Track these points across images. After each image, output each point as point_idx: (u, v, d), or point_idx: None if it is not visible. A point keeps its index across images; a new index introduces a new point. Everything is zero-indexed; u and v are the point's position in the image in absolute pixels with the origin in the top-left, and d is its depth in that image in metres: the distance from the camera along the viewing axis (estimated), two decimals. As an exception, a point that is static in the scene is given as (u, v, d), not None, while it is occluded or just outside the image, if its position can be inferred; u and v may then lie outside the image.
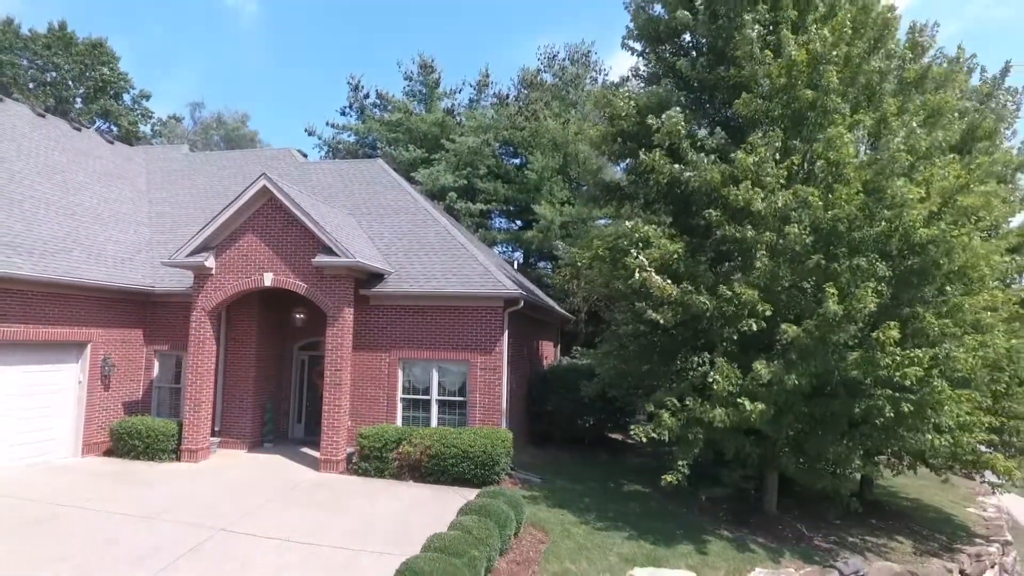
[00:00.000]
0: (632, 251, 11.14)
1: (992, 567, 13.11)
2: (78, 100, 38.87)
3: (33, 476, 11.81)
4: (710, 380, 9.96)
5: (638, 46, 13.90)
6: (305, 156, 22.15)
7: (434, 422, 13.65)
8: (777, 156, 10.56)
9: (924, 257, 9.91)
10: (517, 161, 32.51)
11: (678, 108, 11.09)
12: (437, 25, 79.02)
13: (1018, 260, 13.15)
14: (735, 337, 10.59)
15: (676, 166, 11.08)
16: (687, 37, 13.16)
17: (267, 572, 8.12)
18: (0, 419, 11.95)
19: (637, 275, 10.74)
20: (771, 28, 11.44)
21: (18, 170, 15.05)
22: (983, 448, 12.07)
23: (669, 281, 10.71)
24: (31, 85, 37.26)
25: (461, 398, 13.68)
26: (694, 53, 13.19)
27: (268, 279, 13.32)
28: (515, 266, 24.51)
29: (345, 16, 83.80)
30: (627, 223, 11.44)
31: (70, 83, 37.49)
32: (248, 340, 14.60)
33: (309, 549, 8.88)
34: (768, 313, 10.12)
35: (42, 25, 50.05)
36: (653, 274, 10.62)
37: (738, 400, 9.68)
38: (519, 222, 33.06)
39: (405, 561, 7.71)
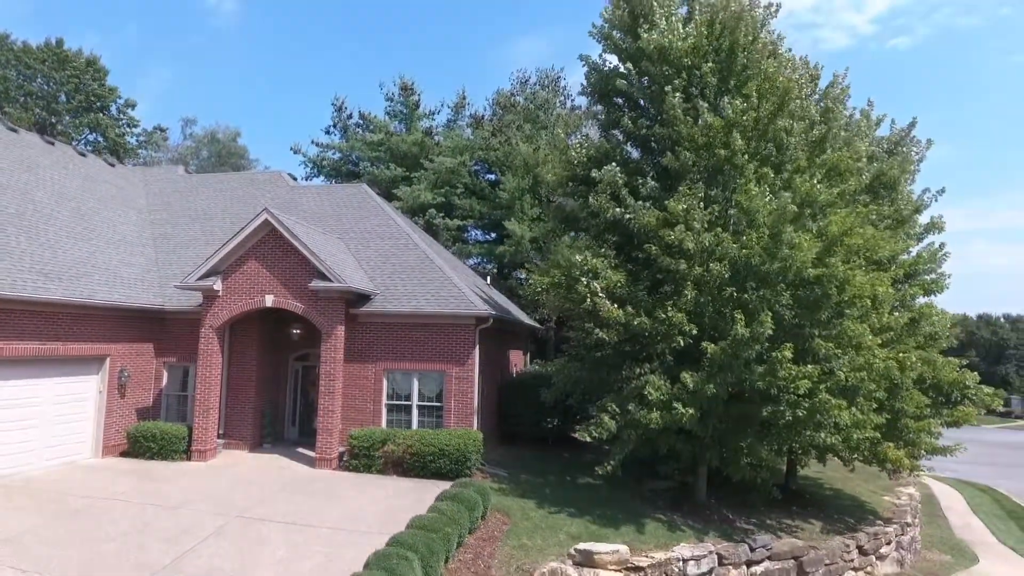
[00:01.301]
0: (583, 280, 13.28)
1: (888, 544, 15.48)
2: (67, 114, 40.02)
3: (66, 474, 13.60)
4: (645, 392, 12.11)
5: (595, 96, 16.07)
6: (295, 179, 23.98)
7: (415, 424, 15.64)
8: (701, 204, 12.76)
9: (817, 289, 12.17)
10: (492, 177, 34.62)
11: (615, 163, 13.29)
12: (422, 30, 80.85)
13: (912, 288, 15.55)
14: (667, 353, 12.78)
15: (618, 209, 13.25)
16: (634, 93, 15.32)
17: (281, 548, 10.06)
18: (37, 425, 13.72)
19: (588, 300, 12.89)
20: (698, 92, 13.63)
21: (38, 199, 16.71)
22: (892, 444, 14.40)
23: (615, 305, 12.86)
24: (21, 97, 38.34)
25: (438, 403, 15.68)
26: (642, 102, 15.37)
27: (269, 300, 15.22)
28: (489, 280, 26.56)
29: (327, 17, 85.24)
30: (578, 256, 13.55)
31: (63, 96, 38.64)
32: (249, 353, 16.47)
33: (312, 530, 10.84)
34: (694, 332, 12.32)
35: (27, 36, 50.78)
36: (604, 299, 12.77)
37: (673, 406, 11.84)
38: (494, 234, 35.15)
39: (392, 536, 9.74)
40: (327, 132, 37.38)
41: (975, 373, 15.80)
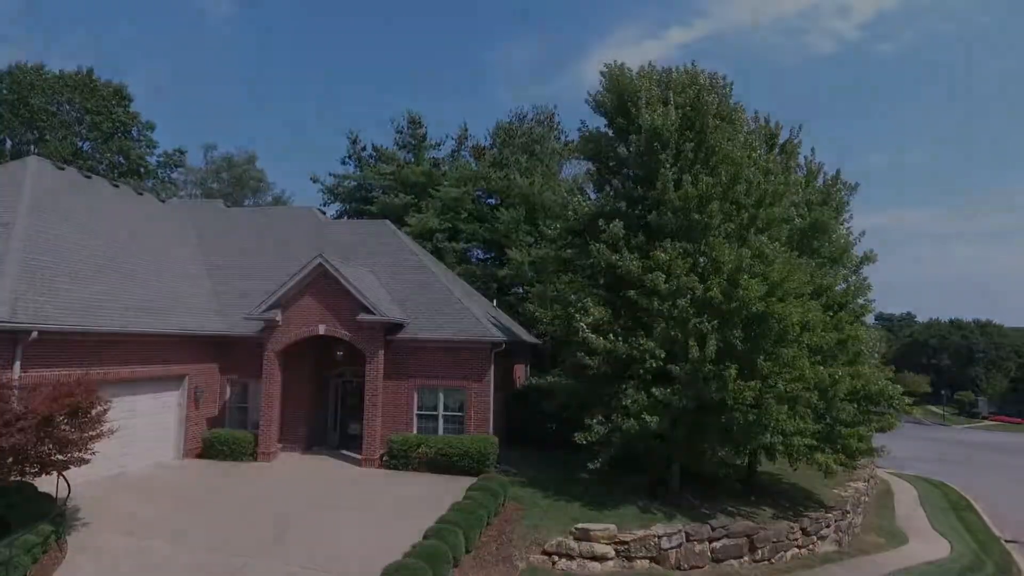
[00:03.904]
0: (577, 316, 16.65)
1: (828, 527, 18.95)
2: (92, 139, 42.93)
3: (163, 472, 16.81)
4: (625, 404, 15.52)
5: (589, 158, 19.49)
6: (324, 213, 27.20)
7: (441, 431, 18.94)
8: (680, 257, 16.12)
9: (763, 324, 15.59)
10: (493, 201, 38.03)
11: (618, 220, 16.61)
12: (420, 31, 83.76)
13: (843, 315, 19.02)
14: (645, 373, 16.16)
15: (614, 256, 16.60)
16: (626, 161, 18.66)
17: (355, 525, 13.31)
18: (136, 432, 16.90)
19: (580, 334, 16.27)
20: (678, 164, 16.94)
21: (121, 242, 19.80)
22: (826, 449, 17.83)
23: (601, 337, 16.23)
24: (52, 125, 41.18)
25: (460, 413, 18.99)
26: (628, 166, 18.71)
27: (322, 329, 18.50)
28: (495, 302, 29.88)
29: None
30: (572, 296, 16.90)
31: (91, 121, 41.56)
32: (301, 371, 19.73)
33: (374, 512, 14.13)
34: (663, 357, 15.69)
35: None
36: (590, 333, 16.16)
37: (641, 415, 15.25)
38: (494, 253, 38.55)
39: (440, 516, 13.05)
40: (343, 163, 41.00)
41: (898, 385, 19.26)
